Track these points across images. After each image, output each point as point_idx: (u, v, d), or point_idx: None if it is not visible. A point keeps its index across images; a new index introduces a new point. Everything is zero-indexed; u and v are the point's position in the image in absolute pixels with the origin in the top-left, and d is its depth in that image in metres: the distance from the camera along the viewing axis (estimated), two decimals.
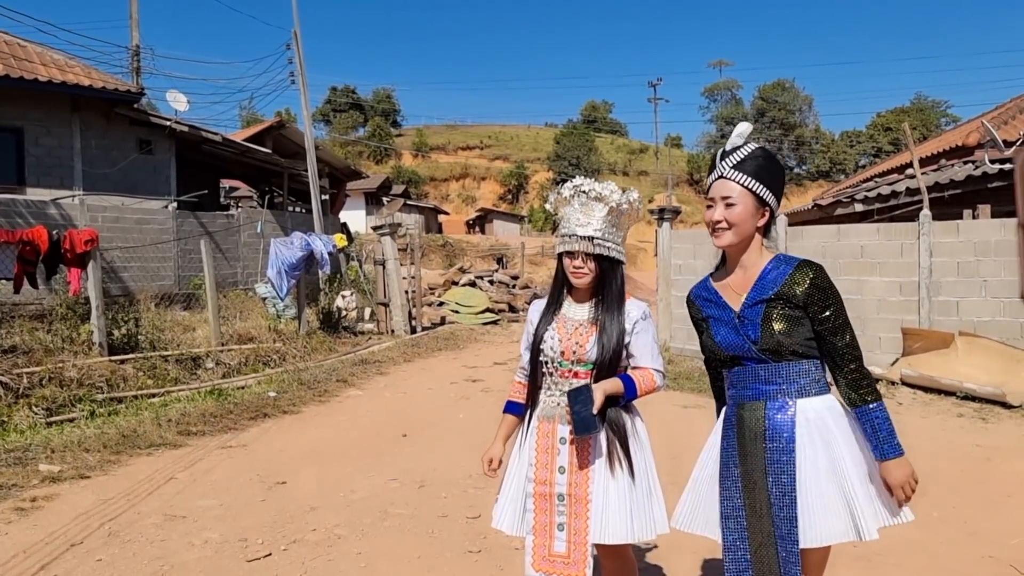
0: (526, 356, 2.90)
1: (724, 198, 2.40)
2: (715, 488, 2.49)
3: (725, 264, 2.55)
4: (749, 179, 2.38)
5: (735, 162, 2.40)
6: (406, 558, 4.28)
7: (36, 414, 7.55)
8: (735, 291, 2.46)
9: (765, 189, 2.39)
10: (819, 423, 2.35)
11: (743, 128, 2.48)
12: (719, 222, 2.41)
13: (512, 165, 77.15)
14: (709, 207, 2.46)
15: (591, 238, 2.69)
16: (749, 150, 2.41)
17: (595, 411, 2.56)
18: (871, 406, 2.33)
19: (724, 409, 2.54)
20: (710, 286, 2.57)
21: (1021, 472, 5.83)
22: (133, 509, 5.09)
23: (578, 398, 2.58)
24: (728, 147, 2.45)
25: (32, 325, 9.94)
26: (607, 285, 2.73)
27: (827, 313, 2.34)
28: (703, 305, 2.56)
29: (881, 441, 2.32)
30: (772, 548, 2.33)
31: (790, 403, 2.36)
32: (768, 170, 2.41)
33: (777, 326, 2.33)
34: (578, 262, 2.71)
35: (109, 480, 5.76)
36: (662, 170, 74.04)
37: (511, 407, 2.96)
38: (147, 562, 4.21)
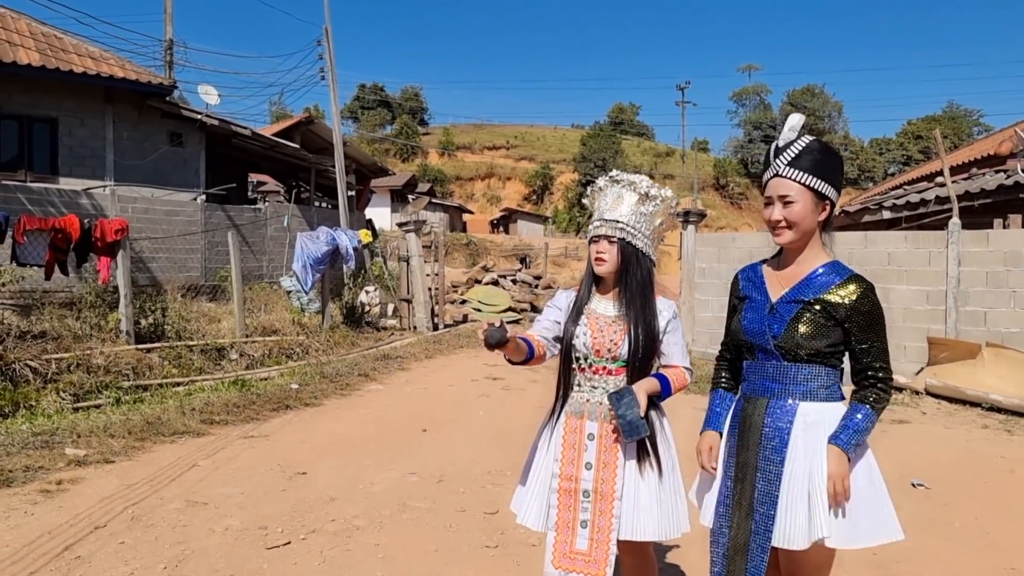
0: (538, 326, 2.84)
1: (782, 197, 2.36)
2: (717, 479, 2.53)
3: (780, 254, 2.53)
4: (806, 175, 2.33)
5: (790, 158, 2.35)
6: (423, 551, 4.30)
7: (63, 399, 7.69)
8: (780, 282, 2.45)
9: (823, 183, 2.34)
10: (820, 428, 2.34)
11: (795, 121, 2.42)
12: (779, 221, 2.38)
13: (538, 166, 77.01)
14: (767, 205, 2.42)
15: (616, 221, 2.71)
16: (804, 144, 2.35)
17: (641, 414, 2.57)
18: (870, 409, 2.33)
19: (735, 402, 2.56)
20: (759, 270, 2.56)
21: None
22: (156, 494, 5.16)
23: (622, 401, 2.57)
24: (781, 142, 2.40)
25: (61, 312, 10.11)
26: (629, 275, 2.72)
27: (865, 335, 2.33)
28: (745, 285, 2.56)
29: (850, 433, 2.30)
30: (746, 540, 2.35)
31: (792, 404, 2.36)
32: (825, 163, 2.35)
33: (803, 328, 2.32)
34: (602, 246, 2.73)
35: (133, 465, 5.85)
36: (688, 174, 73.62)
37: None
38: (169, 546, 4.27)
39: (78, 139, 15.59)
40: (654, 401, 2.71)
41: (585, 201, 2.93)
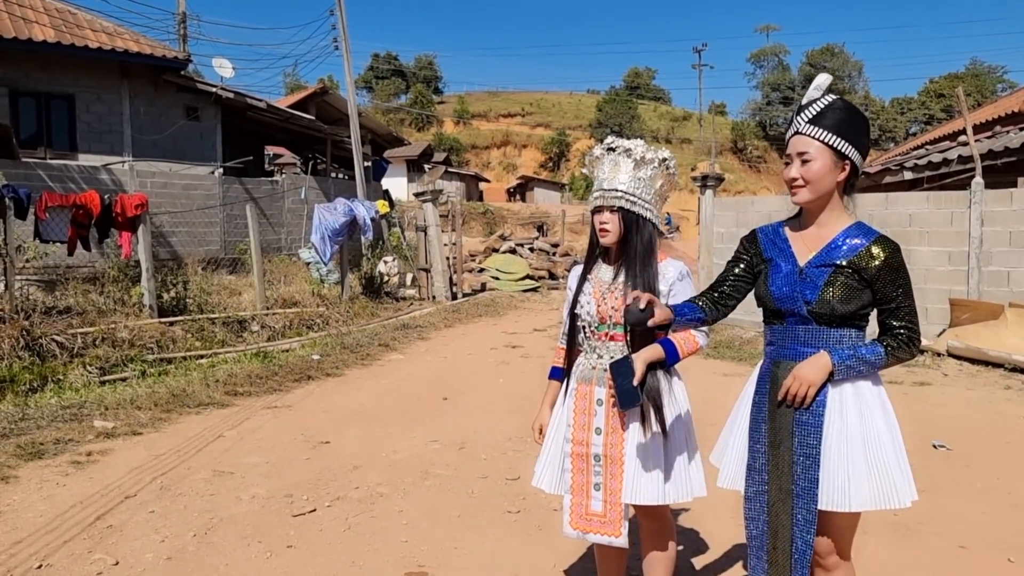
0: (567, 322, 2.94)
1: (800, 154, 2.32)
2: (743, 442, 2.51)
3: (800, 216, 2.49)
4: (827, 133, 2.29)
5: (811, 116, 2.32)
6: (446, 516, 4.36)
7: (90, 373, 7.81)
8: (805, 246, 2.41)
9: (844, 143, 2.30)
10: (854, 390, 2.33)
11: (822, 80, 2.38)
12: (795, 179, 2.34)
13: (554, 132, 76.46)
14: (787, 164, 2.39)
15: (615, 190, 2.70)
16: (827, 102, 2.32)
17: (636, 383, 2.57)
18: (883, 349, 2.29)
19: (760, 365, 2.54)
20: (781, 232, 2.51)
21: None
22: (183, 464, 5.26)
23: (619, 370, 2.57)
24: (805, 100, 2.36)
25: (85, 287, 10.23)
26: (630, 242, 2.71)
27: (892, 294, 2.30)
28: (768, 247, 2.50)
29: (850, 356, 2.29)
30: (789, 506, 2.34)
31: None
32: (848, 122, 2.31)
33: (836, 293, 2.29)
34: (604, 216, 2.72)
35: (160, 437, 5.95)
36: (705, 138, 72.93)
37: (555, 372, 3.00)
38: (197, 515, 4.36)
39: (96, 115, 15.66)
40: (660, 366, 2.69)
41: (584, 171, 2.92)
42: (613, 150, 2.77)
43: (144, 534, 4.08)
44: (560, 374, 2.97)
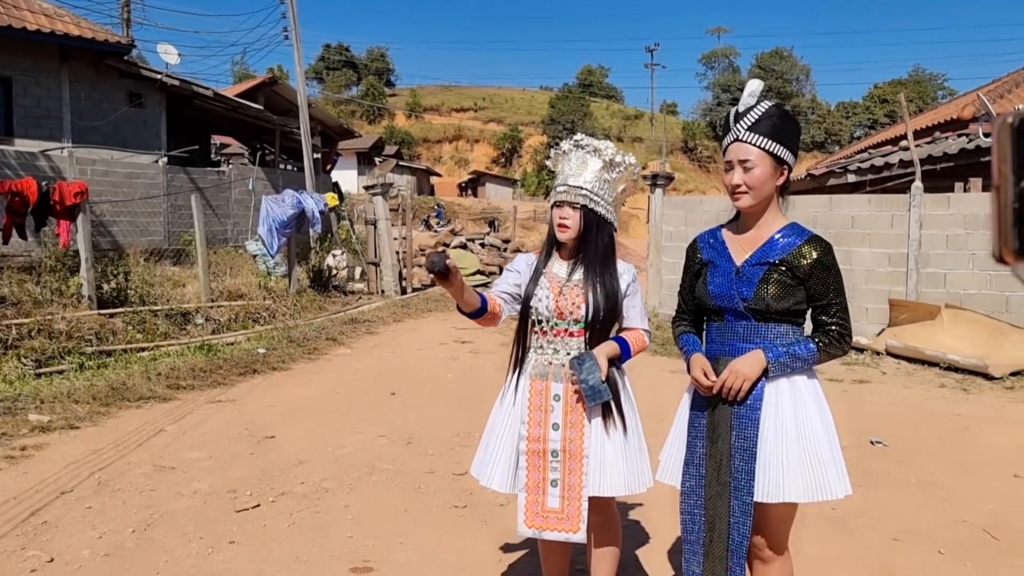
0: (496, 287, 2.84)
1: (742, 161, 2.38)
2: (682, 437, 2.57)
3: (738, 218, 2.55)
4: (766, 140, 2.35)
5: (750, 123, 2.37)
6: (393, 511, 4.34)
7: (25, 365, 7.57)
8: (742, 246, 2.48)
9: (783, 148, 2.37)
10: (790, 386, 2.40)
11: (755, 86, 2.43)
12: (739, 186, 2.40)
13: (506, 128, 76.55)
14: (727, 170, 2.44)
15: (580, 188, 2.72)
16: (763, 109, 2.38)
17: (603, 378, 2.61)
18: (815, 347, 2.36)
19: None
20: (719, 235, 2.58)
21: (998, 442, 5.93)
22: (123, 459, 5.13)
23: (583, 366, 2.61)
24: (741, 108, 2.42)
25: (20, 277, 9.90)
26: (590, 241, 2.74)
27: (824, 291, 2.38)
28: (707, 250, 2.57)
29: (784, 353, 2.35)
30: (726, 498, 2.40)
31: None
32: (784, 128, 2.38)
33: (771, 290, 2.36)
34: (565, 212, 2.74)
35: (99, 431, 5.80)
36: (657, 137, 73.67)
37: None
38: (136, 511, 4.26)
39: (33, 99, 15.16)
40: (615, 362, 2.75)
41: (548, 163, 2.93)
42: (582, 147, 2.78)
43: (81, 530, 3.97)
44: (484, 302, 2.73)
